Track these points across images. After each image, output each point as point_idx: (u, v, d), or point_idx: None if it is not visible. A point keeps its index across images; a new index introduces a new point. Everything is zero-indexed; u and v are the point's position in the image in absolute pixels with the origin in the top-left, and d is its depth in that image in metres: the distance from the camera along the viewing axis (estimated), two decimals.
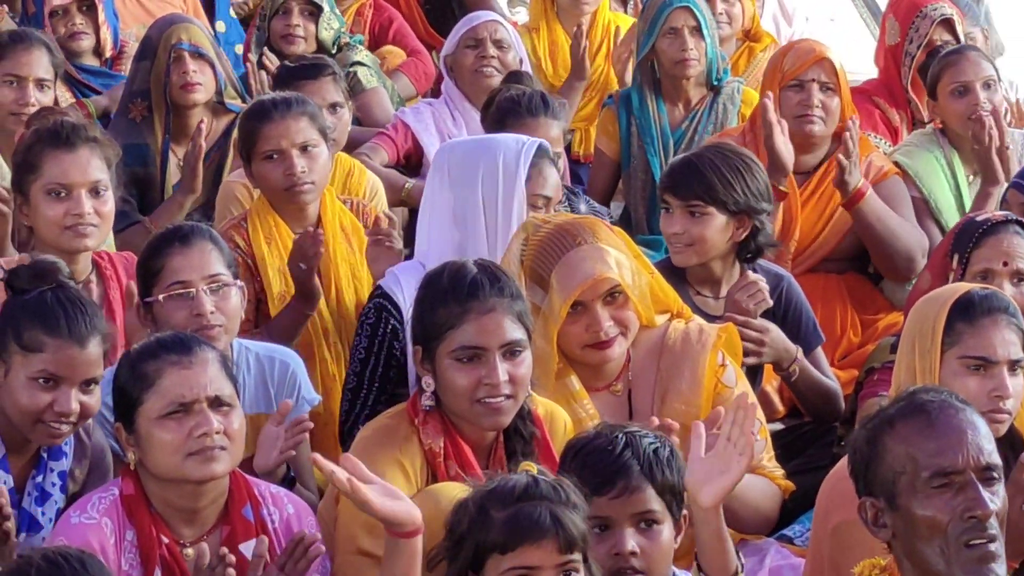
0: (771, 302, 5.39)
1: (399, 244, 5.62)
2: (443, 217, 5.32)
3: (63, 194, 5.17)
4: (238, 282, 4.91)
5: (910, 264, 6.09)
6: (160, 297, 4.81)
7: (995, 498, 3.46)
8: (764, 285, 5.38)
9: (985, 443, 3.50)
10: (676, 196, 5.52)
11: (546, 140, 5.86)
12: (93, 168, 5.21)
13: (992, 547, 3.43)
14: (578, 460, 4.05)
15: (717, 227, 5.50)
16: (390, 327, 5.25)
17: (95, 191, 5.19)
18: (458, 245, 5.23)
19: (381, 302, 5.29)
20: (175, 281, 4.81)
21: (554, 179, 5.37)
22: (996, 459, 3.51)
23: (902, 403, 3.58)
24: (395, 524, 3.92)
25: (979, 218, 5.39)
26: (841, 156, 6.12)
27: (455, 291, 4.37)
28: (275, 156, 5.74)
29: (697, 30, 7.08)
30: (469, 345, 4.32)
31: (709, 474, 3.92)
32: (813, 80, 6.38)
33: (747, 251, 5.54)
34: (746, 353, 5.13)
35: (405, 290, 5.23)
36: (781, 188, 6.12)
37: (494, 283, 4.38)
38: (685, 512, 4.10)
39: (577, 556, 3.75)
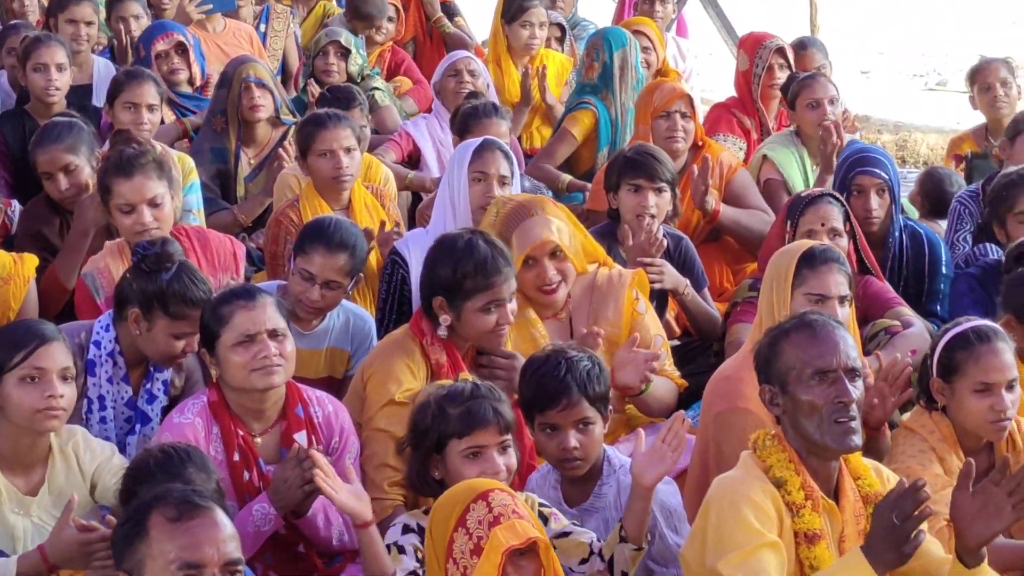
0: (665, 243, 5.26)
1: None
2: (443, 200, 5.28)
3: (129, 210, 4.94)
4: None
5: (762, 239, 5.83)
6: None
7: (856, 390, 3.46)
8: (659, 235, 5.26)
9: (851, 351, 3.50)
10: (649, 179, 5.35)
11: (497, 133, 5.86)
12: (148, 188, 4.93)
13: (853, 424, 3.45)
14: (533, 380, 3.98)
15: (668, 199, 5.42)
16: (399, 276, 5.17)
17: (153, 203, 4.95)
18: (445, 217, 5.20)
19: (394, 259, 5.21)
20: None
21: (495, 163, 5.18)
22: (859, 363, 3.51)
23: (795, 320, 3.57)
24: (353, 517, 3.80)
25: (803, 194, 5.31)
26: (698, 181, 5.87)
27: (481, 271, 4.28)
28: (327, 155, 5.63)
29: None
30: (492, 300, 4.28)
31: (650, 462, 3.70)
32: (676, 111, 6.16)
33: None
34: (652, 281, 5.05)
35: (411, 251, 5.15)
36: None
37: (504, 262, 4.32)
38: (610, 408, 4.04)
39: (509, 436, 3.77)
